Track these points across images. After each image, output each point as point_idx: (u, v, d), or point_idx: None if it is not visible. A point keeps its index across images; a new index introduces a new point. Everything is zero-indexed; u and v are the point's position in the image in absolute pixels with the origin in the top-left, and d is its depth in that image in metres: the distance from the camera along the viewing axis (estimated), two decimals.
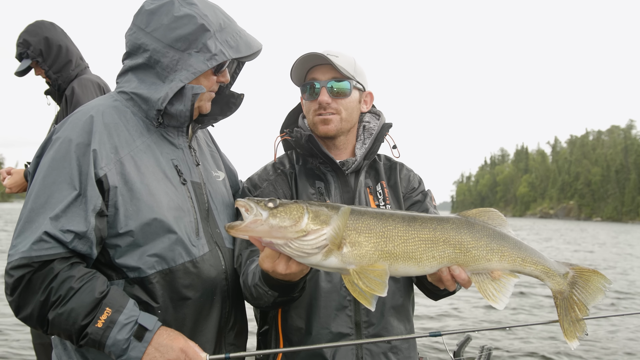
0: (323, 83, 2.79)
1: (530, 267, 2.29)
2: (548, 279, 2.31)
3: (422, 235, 2.18)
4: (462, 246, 2.22)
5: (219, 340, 2.47)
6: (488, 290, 2.23)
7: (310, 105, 2.84)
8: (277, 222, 1.99)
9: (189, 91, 2.35)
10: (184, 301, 2.33)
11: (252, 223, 1.99)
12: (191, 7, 2.37)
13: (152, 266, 2.25)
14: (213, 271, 2.43)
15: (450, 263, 2.22)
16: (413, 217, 2.22)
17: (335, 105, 2.79)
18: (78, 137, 2.24)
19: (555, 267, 2.32)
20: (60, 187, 2.17)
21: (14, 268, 2.10)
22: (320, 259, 2.04)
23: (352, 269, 2.07)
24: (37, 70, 4.64)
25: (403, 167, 3.03)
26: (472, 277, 2.25)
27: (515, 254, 2.27)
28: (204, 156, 2.73)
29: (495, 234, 2.28)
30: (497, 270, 2.25)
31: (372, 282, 2.05)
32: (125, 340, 2.09)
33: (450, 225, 2.24)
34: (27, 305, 2.12)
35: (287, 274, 2.14)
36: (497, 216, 2.34)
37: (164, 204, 2.31)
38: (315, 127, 2.83)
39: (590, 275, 2.32)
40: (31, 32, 4.52)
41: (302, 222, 2.01)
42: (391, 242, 2.13)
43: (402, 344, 2.72)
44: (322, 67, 2.81)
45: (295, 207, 2.05)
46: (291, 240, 2.01)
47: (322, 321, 2.62)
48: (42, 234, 2.10)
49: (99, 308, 2.10)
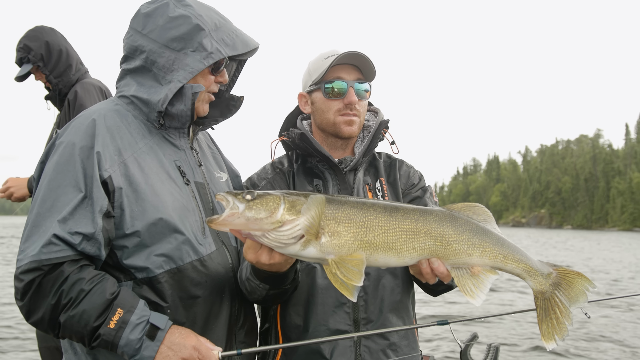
0: (351, 83, 2.76)
1: (512, 265, 2.25)
2: (530, 278, 2.27)
3: (404, 226, 2.16)
4: (444, 239, 2.19)
5: (230, 338, 2.48)
6: (467, 285, 2.20)
7: (332, 104, 2.79)
8: (252, 214, 1.99)
9: (188, 90, 2.38)
10: (194, 300, 2.34)
11: (229, 216, 2.00)
12: (186, 8, 2.42)
13: (160, 266, 2.26)
14: (221, 269, 2.44)
15: (431, 255, 2.20)
16: (395, 208, 2.21)
17: (358, 107, 2.79)
18: (81, 140, 2.26)
19: (538, 266, 2.28)
20: (66, 190, 2.18)
21: (24, 272, 2.10)
22: (299, 249, 2.04)
23: (331, 259, 2.06)
24: (37, 76, 4.63)
25: (403, 163, 3.02)
26: (452, 271, 2.22)
27: (497, 250, 2.24)
28: (206, 158, 2.76)
29: (478, 229, 2.26)
30: (477, 266, 2.22)
31: (349, 272, 2.03)
32: (138, 340, 2.10)
33: (433, 217, 2.22)
34: (38, 309, 2.12)
35: (272, 264, 2.14)
36: (482, 211, 2.33)
37: (168, 204, 2.33)
38: (338, 127, 2.79)
39: (574, 278, 2.27)
40: (32, 37, 4.51)
41: (277, 213, 2.00)
42: (371, 232, 2.11)
43: (401, 340, 2.69)
44: (347, 67, 2.79)
45: (272, 198, 2.04)
46: (268, 231, 2.01)
47: (319, 318, 2.61)
48: (51, 236, 2.10)
49: (110, 309, 2.11)
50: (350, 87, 2.76)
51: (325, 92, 2.79)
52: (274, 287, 2.38)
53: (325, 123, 2.84)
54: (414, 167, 3.03)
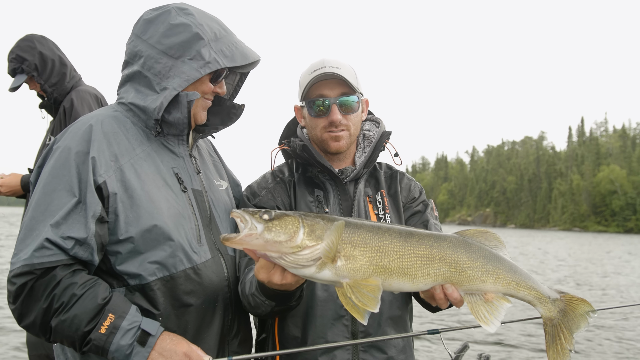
0: (333, 100, 2.72)
1: (524, 292, 2.28)
2: (540, 305, 2.30)
3: (419, 252, 2.16)
4: (458, 265, 2.21)
5: (222, 347, 2.48)
6: (480, 312, 2.21)
7: (317, 122, 2.78)
8: (272, 236, 1.98)
9: (183, 98, 2.38)
10: (186, 308, 2.33)
11: (247, 236, 1.98)
12: (187, 17, 2.42)
13: (152, 273, 2.26)
14: (215, 278, 2.43)
15: (445, 281, 2.20)
16: (410, 233, 2.20)
17: (345, 121, 2.75)
18: (77, 145, 2.27)
19: (548, 293, 2.30)
20: (60, 195, 2.19)
21: (17, 276, 2.10)
22: (314, 272, 2.04)
23: (345, 282, 2.06)
24: (31, 85, 4.64)
25: (404, 176, 3.00)
26: (465, 297, 2.24)
27: (510, 277, 2.26)
28: (206, 165, 2.74)
29: (492, 255, 2.28)
30: (490, 293, 2.24)
31: (364, 297, 2.03)
32: (129, 345, 2.11)
33: (447, 243, 2.23)
34: (30, 313, 2.12)
35: (283, 284, 2.14)
36: (494, 238, 2.35)
37: (164, 211, 2.32)
38: (325, 143, 2.78)
39: (578, 304, 2.31)
40: (24, 47, 4.51)
41: (297, 238, 1.99)
42: (386, 257, 2.11)
43: (399, 355, 2.68)
44: (329, 82, 2.73)
45: (291, 220, 2.02)
46: (286, 254, 2.00)
47: (318, 330, 2.60)
48: (43, 240, 2.11)
49: (101, 314, 2.11)
50: (334, 104, 2.72)
51: (310, 110, 2.79)
52: (280, 304, 2.37)
53: (314, 139, 2.85)
54: (414, 180, 3.02)
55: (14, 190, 4.55)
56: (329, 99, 2.73)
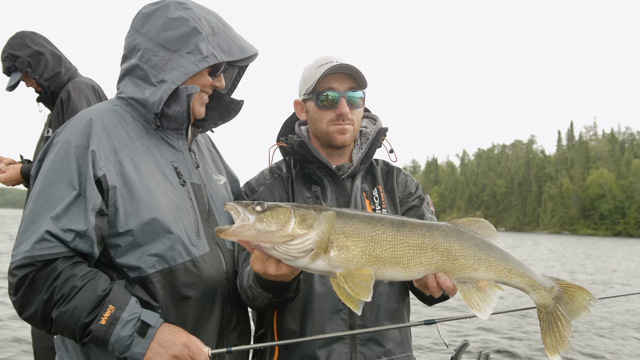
0: (342, 93, 2.77)
1: (516, 279, 2.28)
2: (533, 292, 2.30)
3: (411, 241, 2.19)
4: (450, 254, 2.22)
5: (221, 339, 2.50)
6: (473, 299, 2.23)
7: (324, 115, 2.81)
8: (263, 226, 2.01)
9: (182, 92, 2.40)
10: (185, 300, 2.35)
11: (239, 227, 2.01)
12: (186, 11, 2.45)
13: (152, 265, 2.28)
14: (214, 271, 2.45)
15: (437, 270, 2.23)
16: (402, 222, 2.23)
17: (351, 115, 2.80)
18: (77, 139, 2.29)
19: (541, 280, 2.31)
20: (60, 188, 2.21)
21: (17, 268, 2.13)
22: (308, 262, 2.06)
23: (339, 272, 2.09)
24: (27, 82, 4.65)
25: (400, 171, 3.04)
26: (458, 286, 2.26)
27: (502, 265, 2.27)
28: (205, 160, 2.77)
29: (484, 244, 2.29)
30: (482, 280, 2.25)
31: (357, 287, 2.05)
32: (129, 336, 2.13)
33: (439, 232, 2.25)
34: (31, 305, 2.14)
35: (278, 275, 2.17)
36: (486, 226, 2.36)
37: (163, 204, 2.35)
38: (331, 136, 2.81)
39: (576, 292, 2.30)
40: (15, 45, 4.54)
41: (288, 227, 2.02)
42: (379, 247, 2.13)
43: (397, 347, 2.71)
44: (338, 76, 2.79)
45: (282, 210, 2.05)
46: (278, 244, 2.03)
47: (316, 324, 2.62)
48: (44, 233, 2.13)
49: (102, 305, 2.13)
50: (342, 97, 2.77)
51: (318, 103, 2.81)
52: (277, 295, 2.40)
53: (319, 132, 2.87)
54: (411, 175, 3.06)
55: (16, 181, 4.61)
56: (338, 92, 2.78)
